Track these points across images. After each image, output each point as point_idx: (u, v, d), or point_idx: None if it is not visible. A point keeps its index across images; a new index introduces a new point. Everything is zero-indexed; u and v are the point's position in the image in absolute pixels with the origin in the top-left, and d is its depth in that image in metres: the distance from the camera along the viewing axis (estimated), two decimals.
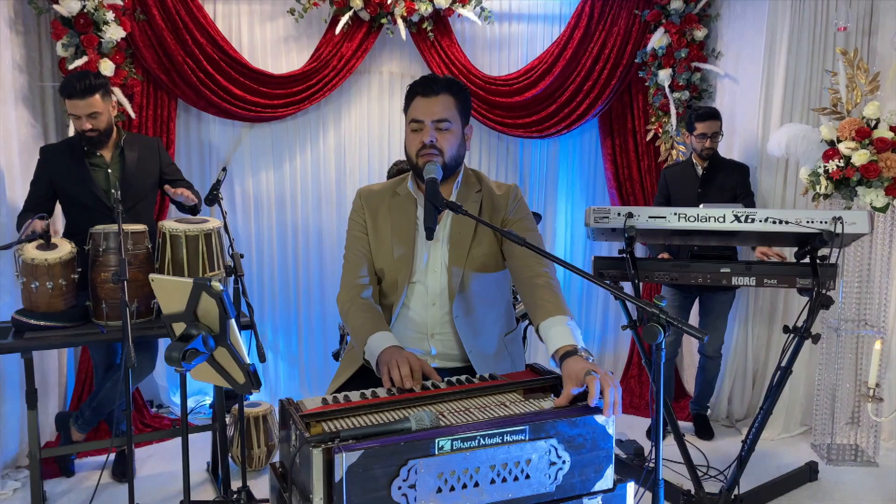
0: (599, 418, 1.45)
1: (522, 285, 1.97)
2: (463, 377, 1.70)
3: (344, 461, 1.23)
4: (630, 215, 3.01)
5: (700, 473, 3.47)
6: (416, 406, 1.53)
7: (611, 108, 4.37)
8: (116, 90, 3.56)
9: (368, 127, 4.28)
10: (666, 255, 3.77)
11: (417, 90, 2.01)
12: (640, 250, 4.48)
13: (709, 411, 4.11)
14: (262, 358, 2.70)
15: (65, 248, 2.80)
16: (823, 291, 2.96)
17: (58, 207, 3.36)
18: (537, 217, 3.94)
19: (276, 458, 3.46)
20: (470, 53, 4.24)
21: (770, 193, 3.92)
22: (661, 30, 4.16)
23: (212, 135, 4.10)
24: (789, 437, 3.95)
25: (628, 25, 4.24)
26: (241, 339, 1.31)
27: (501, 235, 1.86)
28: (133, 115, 3.69)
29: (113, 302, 2.83)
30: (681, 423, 4.11)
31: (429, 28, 3.99)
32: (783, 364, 3.00)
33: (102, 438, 3.63)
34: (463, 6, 3.99)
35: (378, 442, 1.28)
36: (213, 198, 3.09)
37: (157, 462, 3.56)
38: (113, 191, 3.17)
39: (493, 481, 1.35)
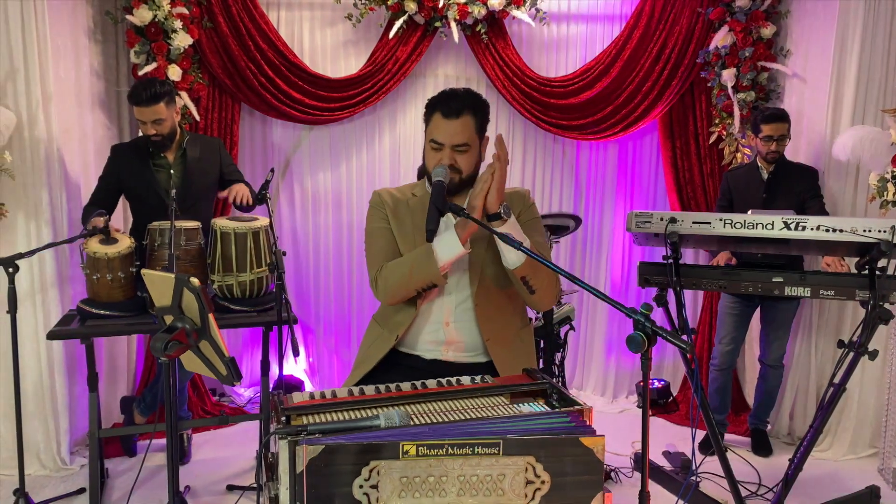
0: (586, 440, 1.40)
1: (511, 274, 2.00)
2: (453, 378, 1.72)
3: (306, 454, 1.28)
4: (673, 220, 2.93)
5: (749, 491, 3.33)
6: (399, 404, 1.56)
7: (672, 109, 4.24)
8: (183, 94, 3.78)
9: (422, 129, 4.31)
10: (732, 261, 3.63)
11: (438, 108, 2.05)
12: (704, 257, 4.33)
13: (768, 427, 3.92)
14: (297, 352, 2.80)
15: (124, 243, 3.00)
16: (883, 305, 2.77)
17: (125, 204, 3.60)
18: (578, 220, 3.89)
19: None
20: (525, 55, 4.22)
21: (838, 199, 3.70)
22: (725, 28, 4.00)
23: (274, 136, 4.28)
24: (855, 458, 3.72)
25: (690, 24, 4.10)
26: (217, 334, 1.39)
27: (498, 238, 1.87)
28: (198, 118, 3.90)
29: None
30: (738, 438, 3.95)
31: (483, 30, 4.01)
32: (837, 381, 2.83)
33: (161, 422, 3.86)
34: (517, 8, 3.98)
35: (343, 438, 1.32)
36: (261, 197, 3.23)
37: (212, 447, 3.74)
38: (175, 190, 3.37)
39: (460, 492, 1.35)
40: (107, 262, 2.93)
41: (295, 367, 4.44)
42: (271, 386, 4.37)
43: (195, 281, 1.33)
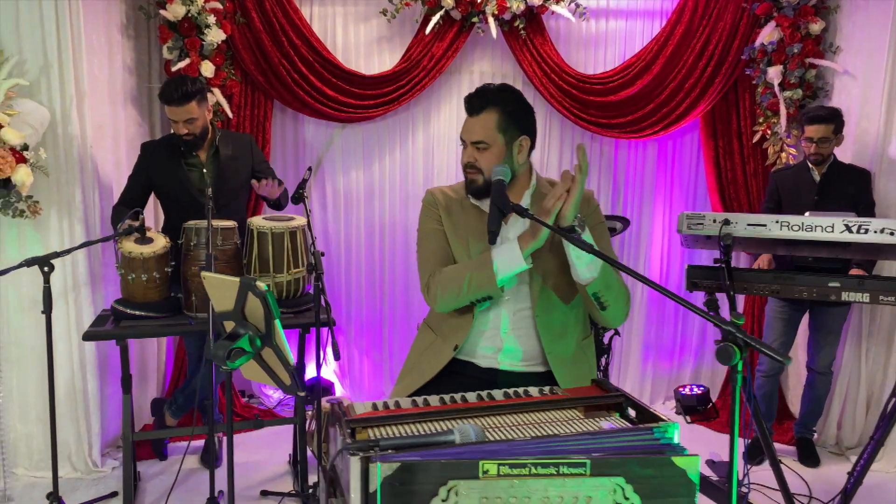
0: (679, 460, 1.29)
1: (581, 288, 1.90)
2: (520, 389, 1.62)
3: (380, 472, 1.19)
4: (727, 222, 2.82)
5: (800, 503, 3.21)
6: (467, 417, 1.47)
7: (714, 107, 4.12)
8: (216, 90, 3.71)
9: (457, 127, 4.21)
10: (772, 265, 3.51)
11: (465, 106, 2.01)
12: (742, 259, 4.21)
13: (815, 436, 3.79)
14: (337, 356, 2.72)
15: (160, 243, 2.94)
16: None
17: (155, 203, 3.54)
18: (625, 222, 3.78)
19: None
20: (563, 51, 4.11)
21: (893, 201, 3.56)
22: (772, 24, 3.87)
23: (306, 134, 4.20)
24: None
25: (735, 20, 3.97)
26: (285, 340, 1.30)
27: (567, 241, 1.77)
28: (231, 115, 3.83)
29: (202, 294, 2.93)
30: (783, 447, 3.82)
31: (521, 26, 3.91)
32: None
33: (197, 425, 3.80)
34: (557, 3, 3.88)
35: (418, 455, 1.23)
36: (298, 196, 3.15)
37: (243, 451, 3.67)
38: (202, 188, 3.30)
39: None
40: (142, 262, 2.87)
41: (325, 368, 4.36)
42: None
43: (261, 285, 1.25)
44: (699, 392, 4.25)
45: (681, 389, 4.28)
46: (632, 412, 1.54)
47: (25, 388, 3.29)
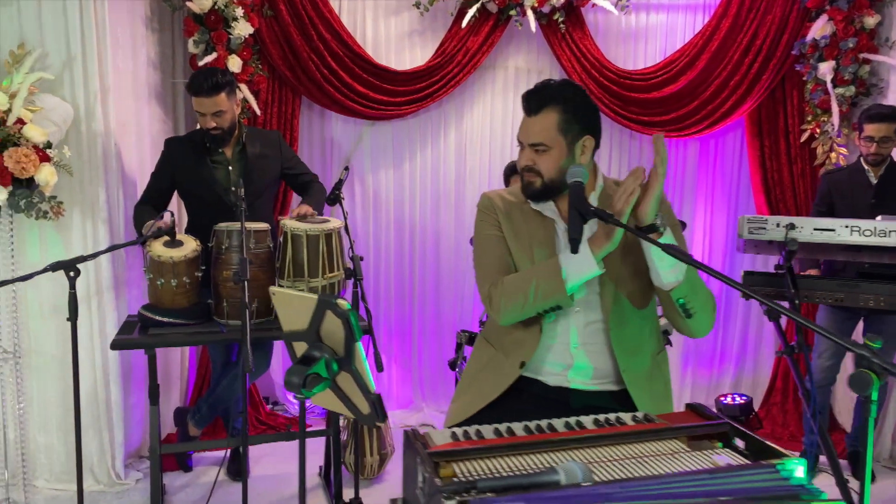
0: None
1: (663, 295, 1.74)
2: (612, 416, 1.46)
3: None
4: (791, 226, 2.66)
5: None
6: (559, 449, 1.31)
7: (761, 105, 3.95)
8: (243, 86, 3.56)
9: (491, 125, 4.08)
10: (815, 272, 3.34)
11: (522, 104, 1.84)
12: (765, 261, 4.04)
13: None
14: (380, 367, 2.57)
15: (190, 246, 2.79)
16: None
17: (180, 202, 3.39)
18: (683, 225, 3.61)
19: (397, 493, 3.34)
20: (603, 46, 3.95)
21: None
22: (824, 17, 3.69)
23: (334, 132, 4.04)
24: None
25: (785, 13, 3.80)
26: (366, 366, 1.14)
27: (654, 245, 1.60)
28: (259, 111, 3.67)
29: (234, 301, 2.79)
30: None
31: (560, 19, 3.74)
32: None
33: (218, 434, 3.65)
34: None
35: (523, 499, 1.07)
36: (334, 197, 3.00)
37: (270, 462, 3.52)
38: (234, 188, 3.14)
39: None
40: (172, 267, 2.72)
41: None
42: None
43: (344, 303, 1.09)
44: (742, 402, 4.08)
45: (722, 399, 4.11)
46: (739, 442, 1.38)
47: (46, 397, 3.14)
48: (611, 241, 1.66)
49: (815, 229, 2.64)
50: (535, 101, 1.79)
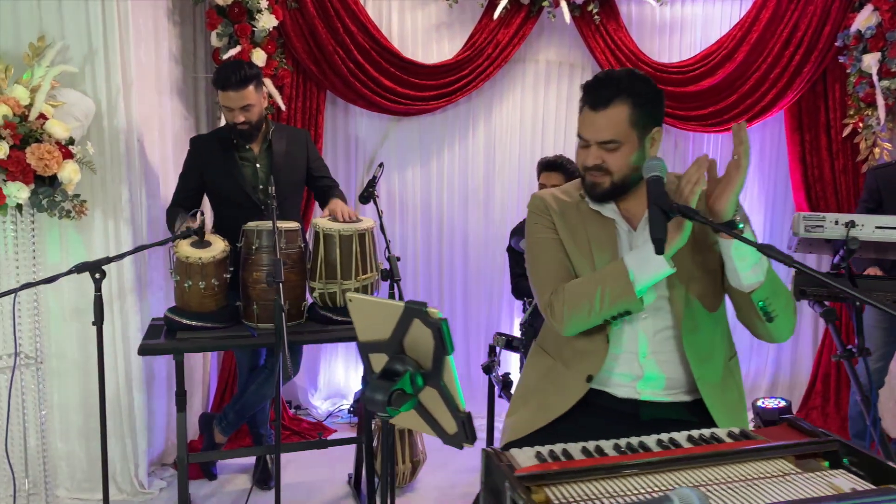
0: None
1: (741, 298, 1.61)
2: (707, 432, 1.33)
3: None
4: (852, 224, 2.52)
5: None
6: (657, 471, 1.19)
7: (801, 99, 3.81)
8: (267, 81, 3.44)
9: (521, 120, 3.96)
10: (876, 271, 3.20)
11: (586, 97, 1.68)
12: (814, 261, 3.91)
13: None
14: None
15: (218, 247, 2.67)
16: None
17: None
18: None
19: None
20: (637, 38, 3.82)
21: None
22: (869, 7, 3.55)
23: (358, 129, 3.92)
24: None
25: (826, 3, 3.66)
26: (457, 381, 1.01)
27: (747, 243, 1.48)
28: (283, 106, 3.55)
29: (264, 303, 2.67)
30: None
31: (595, 11, 3.61)
32: None
33: (244, 440, 3.54)
34: None
35: None
36: (368, 195, 2.88)
37: (297, 470, 3.40)
38: (261, 186, 3.03)
39: None
40: (200, 268, 2.60)
41: None
42: (353, 399, 4.03)
43: (436, 312, 0.96)
44: (781, 405, 3.95)
45: (760, 402, 3.97)
46: (850, 460, 1.26)
47: (67, 403, 3.02)
48: (681, 234, 1.54)
49: (878, 227, 2.50)
50: (602, 93, 1.65)
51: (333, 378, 4.15)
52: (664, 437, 1.30)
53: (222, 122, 3.38)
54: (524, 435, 1.70)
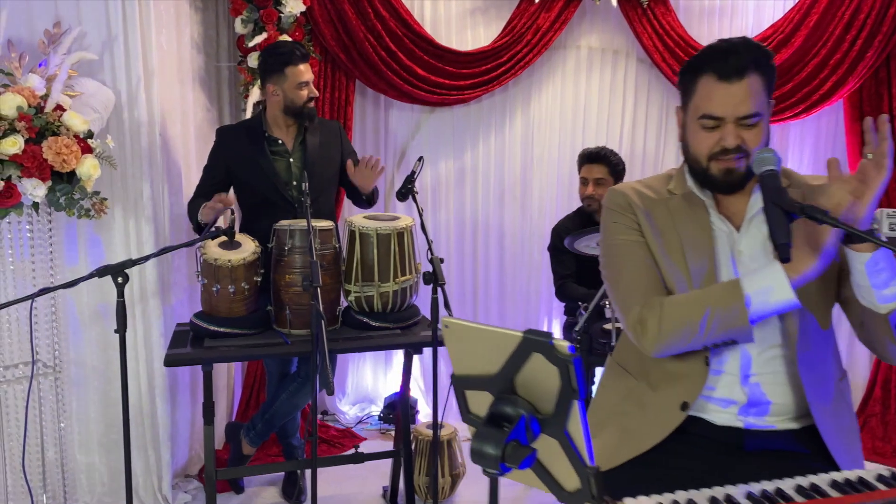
0: None
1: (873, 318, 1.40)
2: (852, 475, 1.12)
3: None
4: None
5: None
6: None
7: (862, 86, 3.57)
8: None
9: (561, 110, 3.74)
10: None
11: (708, 68, 1.44)
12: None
13: None
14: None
15: (248, 248, 2.48)
16: None
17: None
18: None
19: None
20: (685, 22, 3.59)
21: None
22: None
23: (389, 121, 3.71)
24: None
25: None
26: (583, 429, 0.80)
27: (877, 244, 1.27)
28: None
29: (297, 308, 2.48)
30: None
31: None
32: None
33: (272, 450, 3.36)
34: None
35: None
36: (406, 191, 2.68)
37: (327, 482, 3.20)
38: (295, 182, 2.84)
39: None
40: (229, 271, 2.41)
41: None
42: (383, 405, 3.84)
43: (563, 344, 0.76)
44: None
45: None
46: None
47: (86, 413, 2.84)
48: (818, 257, 1.32)
49: None
50: (736, 61, 1.41)
51: (362, 382, 3.96)
52: (804, 483, 1.08)
53: (248, 115, 3.20)
54: (613, 466, 1.49)
